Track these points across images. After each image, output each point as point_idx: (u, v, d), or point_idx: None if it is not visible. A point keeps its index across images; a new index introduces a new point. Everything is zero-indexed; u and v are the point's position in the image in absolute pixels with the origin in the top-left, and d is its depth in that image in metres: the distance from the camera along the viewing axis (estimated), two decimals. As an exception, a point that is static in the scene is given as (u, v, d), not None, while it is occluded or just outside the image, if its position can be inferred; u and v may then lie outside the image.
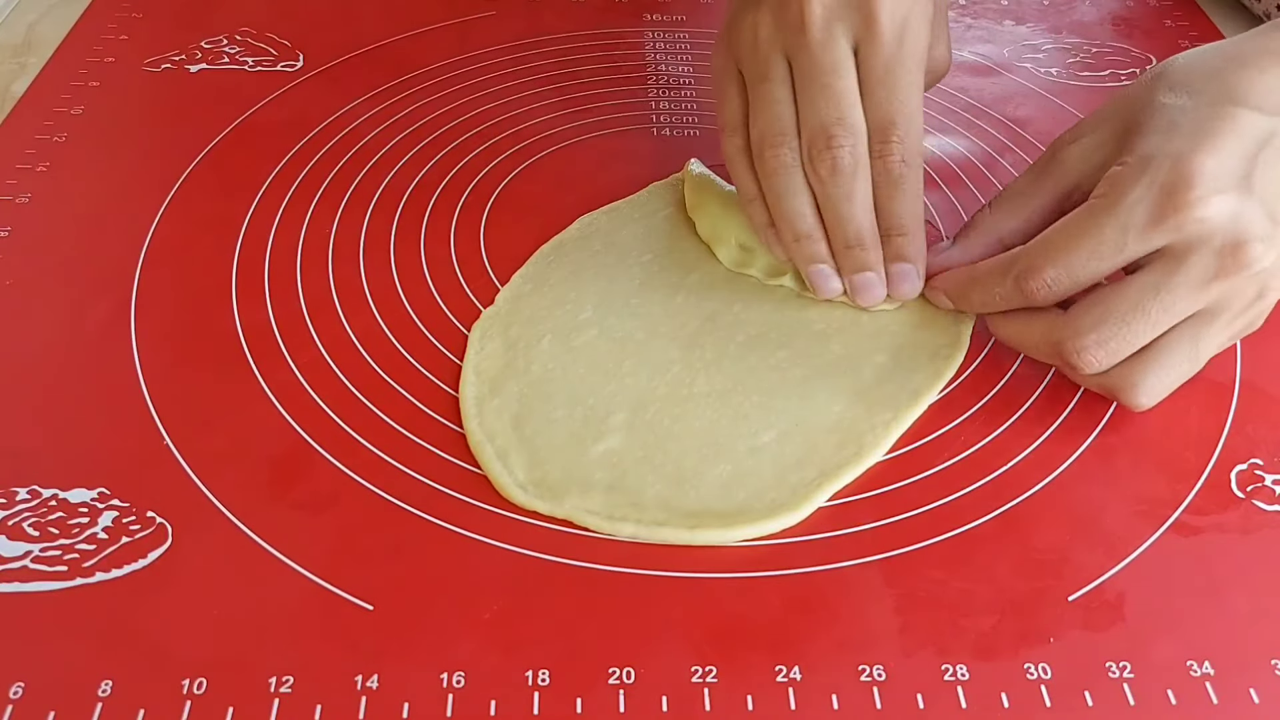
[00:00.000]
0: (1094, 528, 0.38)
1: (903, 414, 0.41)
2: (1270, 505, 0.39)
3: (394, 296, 0.46)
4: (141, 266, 0.47)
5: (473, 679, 0.33)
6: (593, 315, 0.44)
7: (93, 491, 0.38)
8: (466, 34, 0.63)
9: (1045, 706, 0.33)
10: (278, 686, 0.33)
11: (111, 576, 0.35)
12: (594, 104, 0.57)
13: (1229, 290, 0.37)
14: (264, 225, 0.49)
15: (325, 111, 0.56)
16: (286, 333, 0.44)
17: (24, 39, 0.61)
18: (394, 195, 0.51)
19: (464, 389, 0.41)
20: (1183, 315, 0.38)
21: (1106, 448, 0.41)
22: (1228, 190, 0.36)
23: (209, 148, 0.54)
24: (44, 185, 0.51)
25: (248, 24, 0.63)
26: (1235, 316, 0.38)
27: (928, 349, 0.43)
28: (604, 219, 0.50)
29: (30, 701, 0.32)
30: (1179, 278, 0.37)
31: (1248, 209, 0.36)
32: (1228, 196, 0.36)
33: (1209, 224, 0.36)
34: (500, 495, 0.38)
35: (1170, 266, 0.37)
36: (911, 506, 0.38)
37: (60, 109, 0.56)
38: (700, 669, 0.33)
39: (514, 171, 0.53)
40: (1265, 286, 0.38)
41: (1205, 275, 0.37)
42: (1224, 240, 0.36)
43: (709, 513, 0.37)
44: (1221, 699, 0.33)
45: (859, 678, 0.33)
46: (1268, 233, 0.37)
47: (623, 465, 0.39)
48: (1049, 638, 0.34)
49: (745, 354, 0.43)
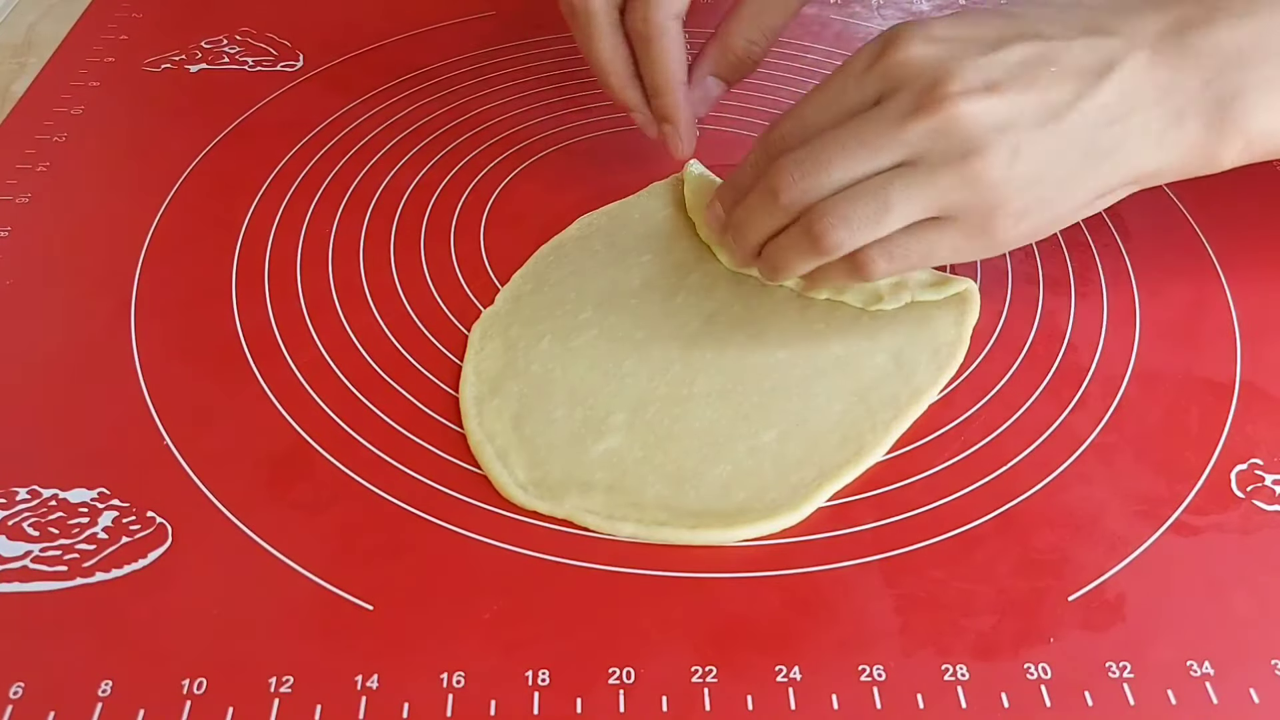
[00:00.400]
0: (1094, 528, 0.38)
1: (903, 414, 0.41)
2: (1270, 505, 0.39)
3: (394, 296, 0.46)
4: (141, 266, 0.47)
5: (473, 679, 0.33)
6: (593, 315, 0.44)
7: (93, 491, 0.38)
8: (466, 34, 0.63)
9: (1045, 706, 0.33)
10: (278, 686, 0.33)
11: (111, 576, 0.35)
12: (594, 104, 0.57)
13: (927, 136, 0.37)
14: (264, 225, 0.49)
15: (325, 111, 0.56)
16: (286, 333, 0.44)
17: (24, 39, 0.61)
18: (394, 195, 0.51)
19: (464, 389, 0.41)
20: (879, 153, 0.38)
21: (1106, 448, 0.41)
22: (940, 43, 0.38)
23: (209, 148, 0.54)
24: (44, 185, 0.51)
25: (248, 24, 0.63)
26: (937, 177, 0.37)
27: (928, 349, 0.43)
28: (604, 219, 0.50)
29: (30, 701, 0.32)
30: (877, 112, 0.38)
31: (961, 65, 0.37)
32: (937, 46, 0.38)
33: (914, 65, 0.38)
34: (500, 495, 0.38)
35: (875, 107, 0.38)
36: (911, 506, 0.38)
37: (60, 109, 0.56)
38: (700, 669, 0.33)
39: (514, 171, 0.53)
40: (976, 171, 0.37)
41: (903, 111, 0.37)
42: (926, 80, 0.37)
43: (709, 513, 0.37)
44: (1221, 699, 0.33)
45: (859, 678, 0.33)
46: (974, 85, 0.37)
47: (623, 465, 0.39)
48: (1049, 638, 0.34)
49: (745, 354, 0.43)
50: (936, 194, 0.38)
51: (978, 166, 0.37)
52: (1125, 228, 0.51)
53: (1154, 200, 0.52)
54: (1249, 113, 0.38)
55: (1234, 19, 0.38)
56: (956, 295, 0.45)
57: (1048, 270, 0.48)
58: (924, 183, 0.37)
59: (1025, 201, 0.38)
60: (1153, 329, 0.45)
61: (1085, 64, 0.37)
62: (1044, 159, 0.37)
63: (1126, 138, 0.38)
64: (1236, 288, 0.47)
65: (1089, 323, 0.46)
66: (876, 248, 0.39)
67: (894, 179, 0.38)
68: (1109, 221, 0.51)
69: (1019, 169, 0.37)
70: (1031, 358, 0.44)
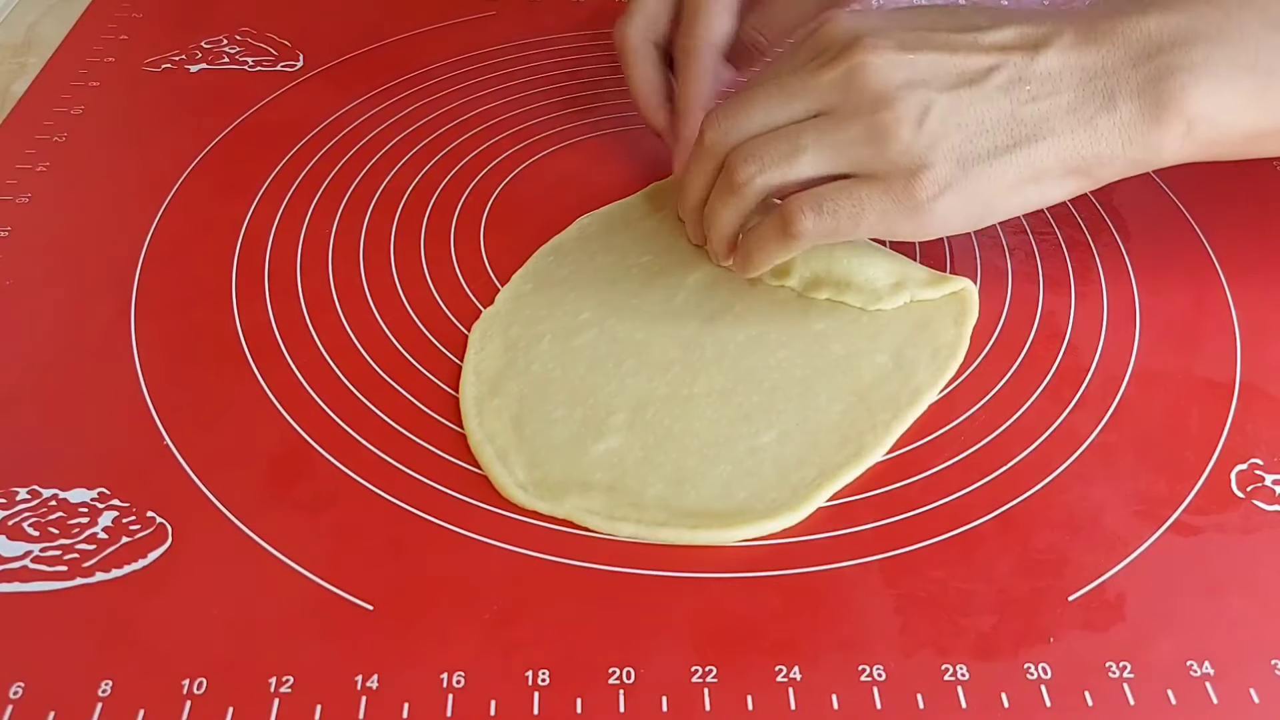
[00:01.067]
0: (1094, 528, 0.38)
1: (903, 414, 0.41)
2: (1270, 505, 0.39)
3: (394, 296, 0.46)
4: (141, 266, 0.47)
5: (473, 679, 0.33)
6: (593, 315, 0.44)
7: (93, 491, 0.38)
8: (466, 34, 0.63)
9: (1045, 706, 0.33)
10: (278, 686, 0.33)
11: (111, 576, 0.35)
12: (594, 104, 0.57)
13: (837, 85, 0.39)
14: (264, 225, 0.49)
15: (325, 111, 0.56)
16: (286, 333, 0.44)
17: (24, 39, 0.61)
18: (394, 195, 0.51)
19: (464, 389, 0.41)
20: (793, 99, 0.40)
21: (1106, 448, 0.41)
22: (870, 17, 0.40)
23: (209, 148, 0.54)
24: (44, 185, 0.51)
25: (248, 24, 0.63)
26: (846, 126, 0.39)
27: (928, 349, 0.43)
28: (603, 219, 0.50)
29: (30, 701, 0.32)
30: (798, 66, 0.41)
31: (882, 30, 0.39)
32: (865, 19, 0.40)
33: (839, 29, 0.40)
34: (500, 495, 0.38)
35: (799, 66, 0.41)
36: (911, 506, 0.38)
37: (60, 109, 0.56)
38: (700, 669, 0.33)
39: (514, 171, 0.53)
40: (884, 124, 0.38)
41: (818, 64, 0.40)
42: (846, 39, 0.39)
43: (709, 513, 0.37)
44: (1221, 699, 0.33)
45: (859, 678, 0.33)
46: (887, 44, 0.39)
47: (623, 465, 0.39)
48: (1049, 638, 0.34)
49: (745, 354, 0.43)
50: (846, 142, 0.39)
51: (886, 118, 0.38)
52: (1125, 228, 0.51)
53: (1154, 200, 0.52)
54: (1184, 94, 0.37)
55: (1165, 10, 0.38)
56: (956, 295, 0.45)
57: (1047, 270, 0.48)
58: (833, 129, 0.39)
59: (946, 171, 0.38)
60: (1153, 329, 0.45)
61: (1007, 41, 0.39)
62: (958, 125, 0.38)
63: (1052, 116, 0.38)
64: (1236, 288, 0.47)
65: (1089, 323, 0.46)
66: (805, 197, 0.40)
67: (807, 125, 0.40)
68: (1109, 221, 0.51)
69: (930, 129, 0.38)
70: (1031, 358, 0.44)
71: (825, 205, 0.39)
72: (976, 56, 0.39)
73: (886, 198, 0.39)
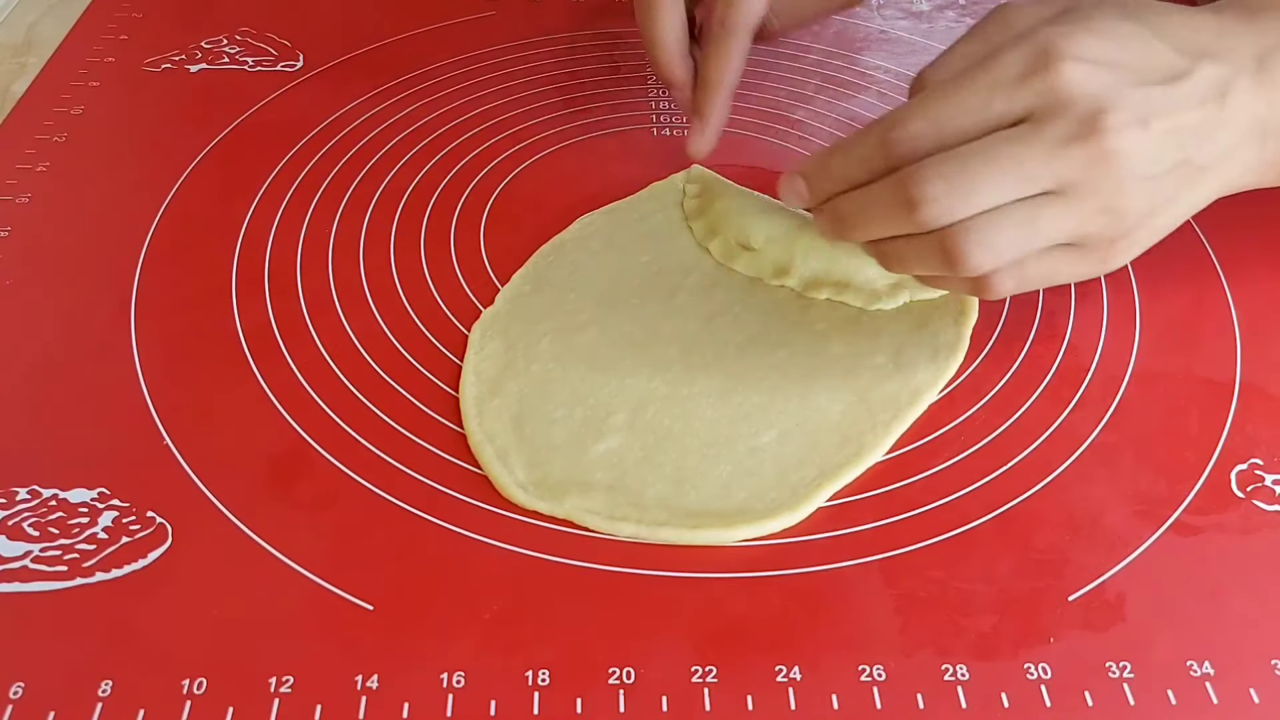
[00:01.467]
0: (1094, 528, 0.38)
1: (903, 414, 0.41)
2: (1270, 505, 0.39)
3: (394, 296, 0.46)
4: (141, 266, 0.47)
5: (473, 679, 0.33)
6: (593, 315, 0.44)
7: (93, 491, 0.38)
8: (466, 34, 0.63)
9: (1045, 706, 0.33)
10: (278, 686, 0.33)
11: (111, 576, 0.35)
12: (594, 104, 0.57)
13: (1083, 167, 0.36)
14: (264, 225, 0.49)
15: (325, 111, 0.56)
16: (286, 333, 0.44)
17: (24, 39, 0.61)
18: (394, 195, 0.51)
19: (464, 389, 0.41)
20: (1031, 177, 0.36)
21: (1106, 448, 0.41)
22: (1101, 65, 0.36)
23: (209, 148, 0.54)
24: (44, 185, 0.51)
25: (248, 24, 0.63)
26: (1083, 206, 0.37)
27: (928, 349, 0.43)
28: (604, 219, 0.50)
29: (30, 701, 0.32)
30: (1032, 134, 0.36)
31: (1120, 92, 0.36)
32: (1099, 71, 0.36)
33: (1075, 91, 0.36)
34: (500, 495, 0.38)
35: (1028, 127, 0.36)
36: (911, 506, 0.38)
37: (60, 109, 0.56)
38: (700, 669, 0.33)
39: (514, 171, 0.53)
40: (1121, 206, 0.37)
41: (1059, 137, 0.36)
42: (1085, 108, 0.36)
43: (709, 513, 0.37)
44: (1221, 699, 0.33)
45: (859, 678, 0.33)
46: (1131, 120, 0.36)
47: (623, 465, 0.39)
48: (1049, 638, 0.34)
49: (745, 354, 0.43)
50: (1078, 223, 0.37)
51: (1121, 201, 0.37)
52: (1125, 228, 0.51)
53: (1154, 200, 0.52)
54: None
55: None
56: (956, 295, 0.45)
57: (1048, 270, 0.48)
58: (1073, 213, 0.37)
59: (1149, 230, 0.38)
60: (1153, 329, 0.45)
61: (1207, 93, 0.38)
62: (1171, 191, 0.38)
63: (1227, 159, 0.39)
64: (1236, 288, 0.47)
65: (1089, 323, 0.46)
66: (1010, 270, 0.38)
67: (1044, 207, 0.36)
68: (1109, 221, 0.51)
69: (1158, 224, 0.38)
70: (1031, 358, 0.44)
71: (1027, 275, 0.38)
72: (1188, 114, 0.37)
73: (1085, 261, 0.38)
